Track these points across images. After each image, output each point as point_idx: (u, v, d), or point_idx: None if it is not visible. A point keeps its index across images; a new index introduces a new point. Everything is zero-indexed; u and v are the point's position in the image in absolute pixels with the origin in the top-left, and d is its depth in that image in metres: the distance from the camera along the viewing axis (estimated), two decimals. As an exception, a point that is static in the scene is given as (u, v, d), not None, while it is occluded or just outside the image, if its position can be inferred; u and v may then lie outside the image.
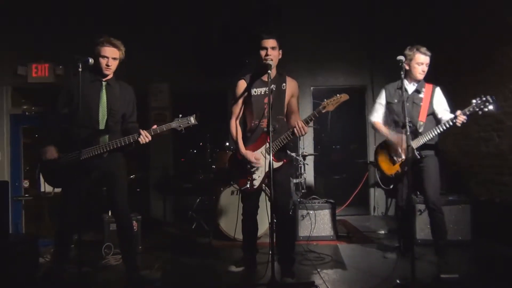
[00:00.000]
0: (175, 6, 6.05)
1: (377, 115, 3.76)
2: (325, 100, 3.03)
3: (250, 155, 3.22)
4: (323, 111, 3.02)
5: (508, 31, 4.44)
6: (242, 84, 3.34)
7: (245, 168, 3.26)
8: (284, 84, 3.31)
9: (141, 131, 3.01)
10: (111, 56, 3.06)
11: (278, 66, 3.33)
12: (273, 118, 3.09)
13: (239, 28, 5.89)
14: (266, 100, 3.22)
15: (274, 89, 3.22)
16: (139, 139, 3.00)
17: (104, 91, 3.12)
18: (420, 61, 3.43)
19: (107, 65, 3.05)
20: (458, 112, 3.22)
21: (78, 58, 2.87)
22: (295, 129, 3.06)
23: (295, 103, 3.38)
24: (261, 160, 3.21)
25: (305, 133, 3.11)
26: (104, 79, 3.13)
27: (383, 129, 3.68)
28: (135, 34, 5.85)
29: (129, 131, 3.12)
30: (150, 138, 3.02)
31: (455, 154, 5.52)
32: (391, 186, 3.67)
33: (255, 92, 3.29)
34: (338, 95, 3.01)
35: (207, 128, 5.05)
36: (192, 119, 3.04)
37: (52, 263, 3.41)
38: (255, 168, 3.24)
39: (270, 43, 3.18)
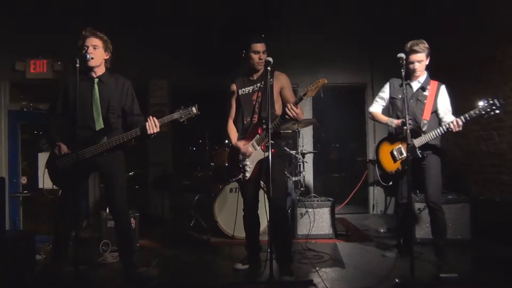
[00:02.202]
0: (175, 4, 6.02)
1: (377, 106, 3.74)
2: (306, 87, 3.04)
3: (240, 143, 3.35)
4: (304, 97, 3.03)
5: (509, 30, 4.41)
6: (232, 87, 3.52)
7: (237, 159, 3.36)
8: (271, 79, 3.32)
9: (150, 119, 2.96)
10: (91, 44, 3.01)
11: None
12: (264, 112, 3.12)
13: (239, 27, 5.86)
14: (254, 97, 3.37)
15: (261, 85, 3.34)
16: (147, 127, 2.93)
17: (96, 88, 3.07)
18: (410, 60, 3.38)
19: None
20: (457, 121, 3.19)
21: (76, 54, 2.84)
22: (286, 110, 3.06)
23: (289, 93, 3.38)
24: (250, 150, 3.29)
25: (298, 114, 3.07)
26: (95, 76, 3.08)
27: (382, 117, 3.67)
28: (135, 32, 5.84)
29: (135, 125, 3.07)
30: (158, 128, 2.97)
31: (455, 153, 5.50)
32: (391, 183, 3.64)
33: (243, 91, 3.45)
34: (317, 80, 3.00)
35: (205, 125, 5.02)
36: (194, 109, 3.04)
37: (49, 260, 3.39)
38: (246, 159, 3.30)
39: (260, 47, 3.34)
